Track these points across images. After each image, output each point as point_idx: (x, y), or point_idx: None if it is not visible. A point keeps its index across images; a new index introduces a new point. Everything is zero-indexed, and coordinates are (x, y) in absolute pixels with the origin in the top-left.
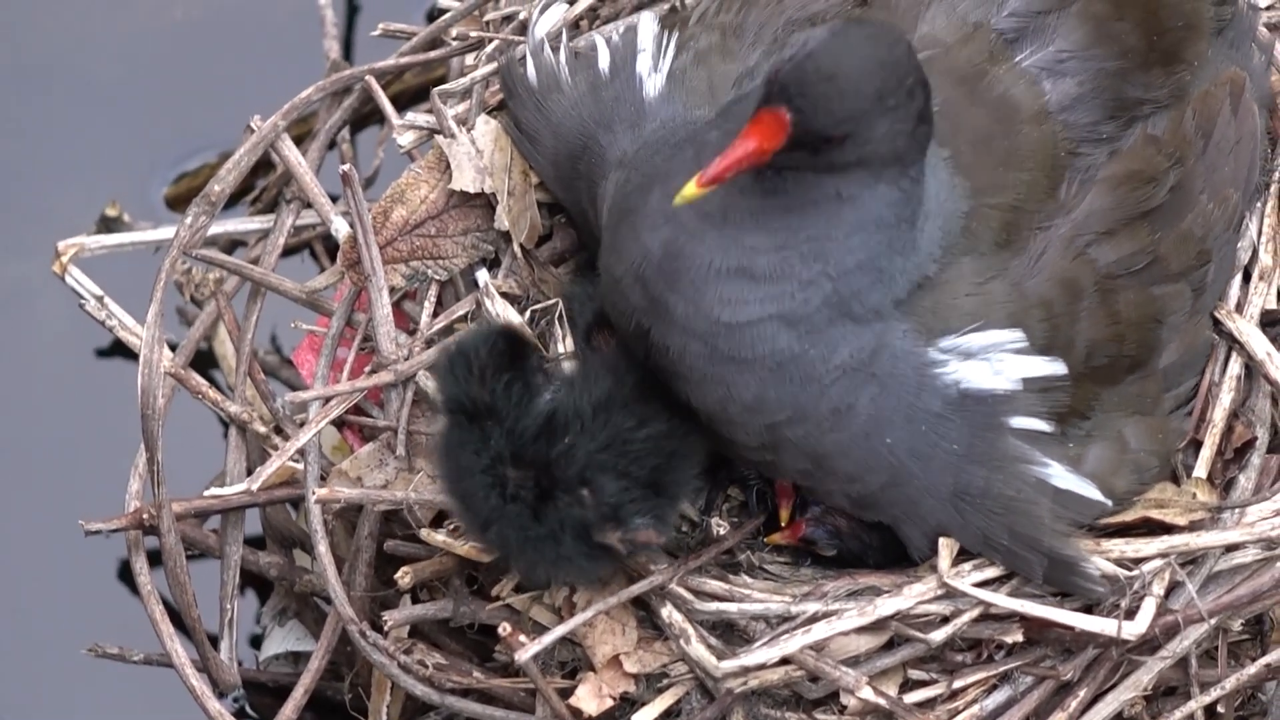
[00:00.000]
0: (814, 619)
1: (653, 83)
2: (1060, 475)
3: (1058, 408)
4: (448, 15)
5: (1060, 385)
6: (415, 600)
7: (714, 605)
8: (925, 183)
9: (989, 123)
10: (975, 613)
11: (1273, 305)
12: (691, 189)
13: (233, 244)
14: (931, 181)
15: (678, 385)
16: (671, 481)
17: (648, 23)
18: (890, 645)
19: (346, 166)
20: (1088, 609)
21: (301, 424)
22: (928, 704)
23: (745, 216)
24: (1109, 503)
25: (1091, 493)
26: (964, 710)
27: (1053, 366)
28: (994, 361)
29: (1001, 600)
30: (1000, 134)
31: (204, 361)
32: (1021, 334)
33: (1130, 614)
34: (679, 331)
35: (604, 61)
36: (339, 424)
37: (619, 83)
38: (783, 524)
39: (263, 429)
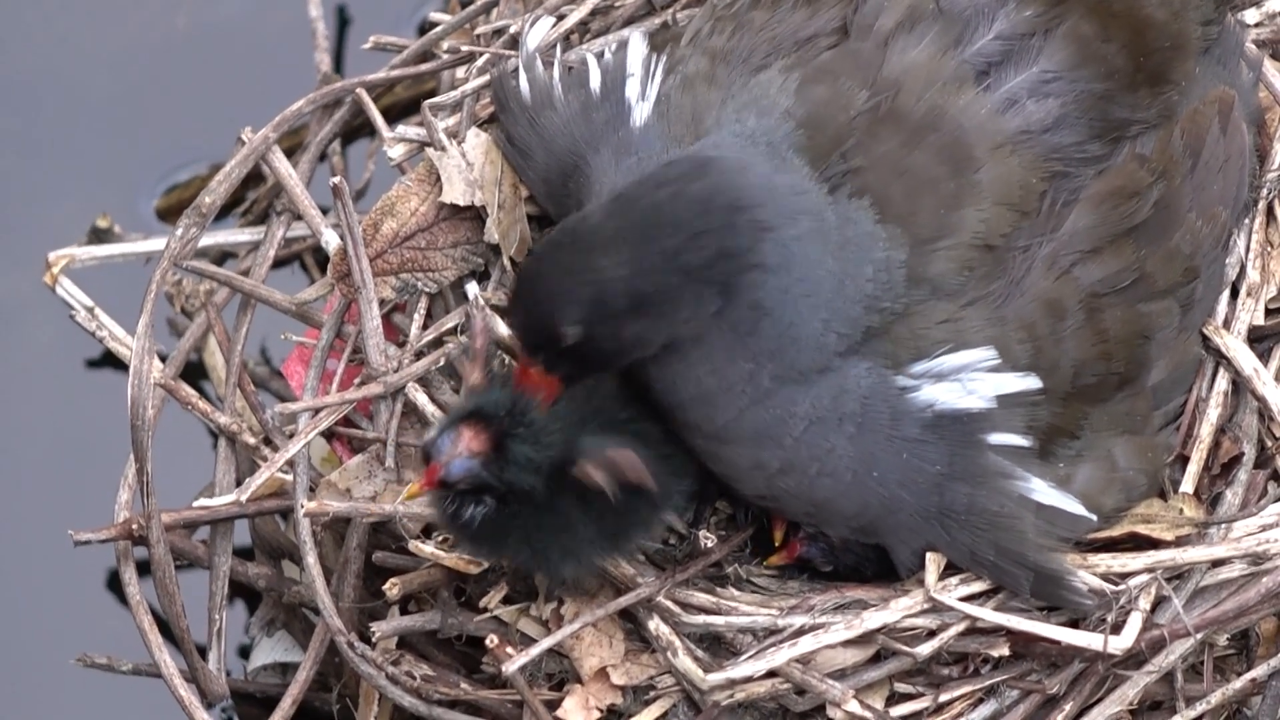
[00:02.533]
0: (801, 632)
1: (640, 111)
2: (1042, 490)
3: (1036, 423)
4: (439, 28)
5: (1036, 400)
6: (403, 611)
7: (701, 618)
8: (834, 247)
9: (933, 166)
10: (961, 626)
11: (1260, 321)
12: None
13: (223, 256)
14: (849, 235)
15: None
16: (660, 483)
17: (637, 44)
18: (877, 658)
19: (337, 179)
20: (1074, 623)
21: (291, 435)
22: (914, 717)
23: (689, 357)
24: (1093, 518)
25: (1075, 508)
26: None
27: (1026, 382)
28: (966, 381)
29: (988, 614)
30: (946, 176)
31: (194, 373)
32: (994, 351)
33: (1116, 628)
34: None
35: (595, 81)
36: (328, 435)
37: (609, 105)
38: (777, 544)
39: (252, 440)
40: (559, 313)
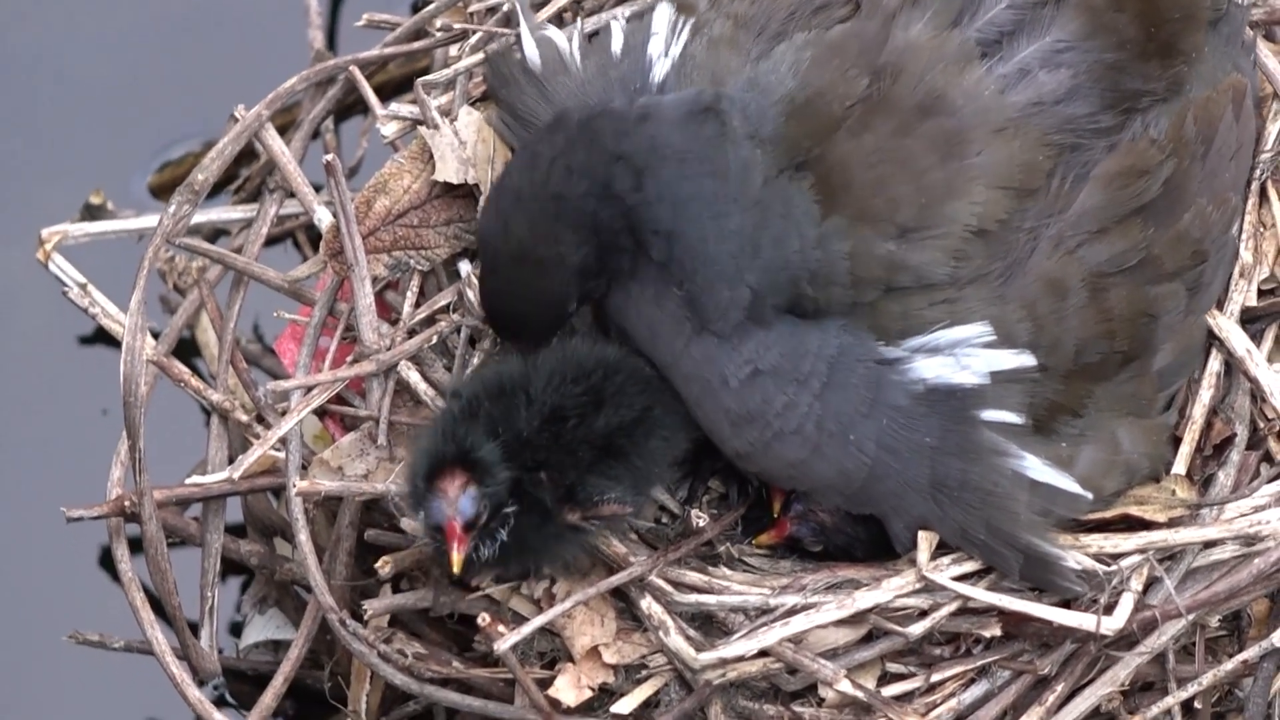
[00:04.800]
0: (792, 611)
1: (660, 68)
2: (1037, 468)
3: (1035, 400)
4: (432, 6)
5: (1034, 377)
6: (395, 589)
7: (693, 597)
8: (746, 201)
9: (923, 155)
10: (953, 606)
11: (1253, 302)
12: None
13: (216, 233)
14: (771, 203)
15: None
16: (644, 447)
17: (664, 8)
18: (869, 638)
19: (330, 156)
20: (1066, 604)
21: (283, 413)
22: (905, 697)
23: (634, 293)
24: (1088, 495)
25: (1069, 485)
26: (941, 704)
27: (1020, 359)
28: (960, 356)
29: (980, 594)
30: (936, 164)
31: (186, 350)
32: (989, 327)
33: (1108, 609)
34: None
35: (617, 44)
36: (320, 413)
37: (629, 62)
38: (774, 514)
39: (244, 417)
40: (542, 319)
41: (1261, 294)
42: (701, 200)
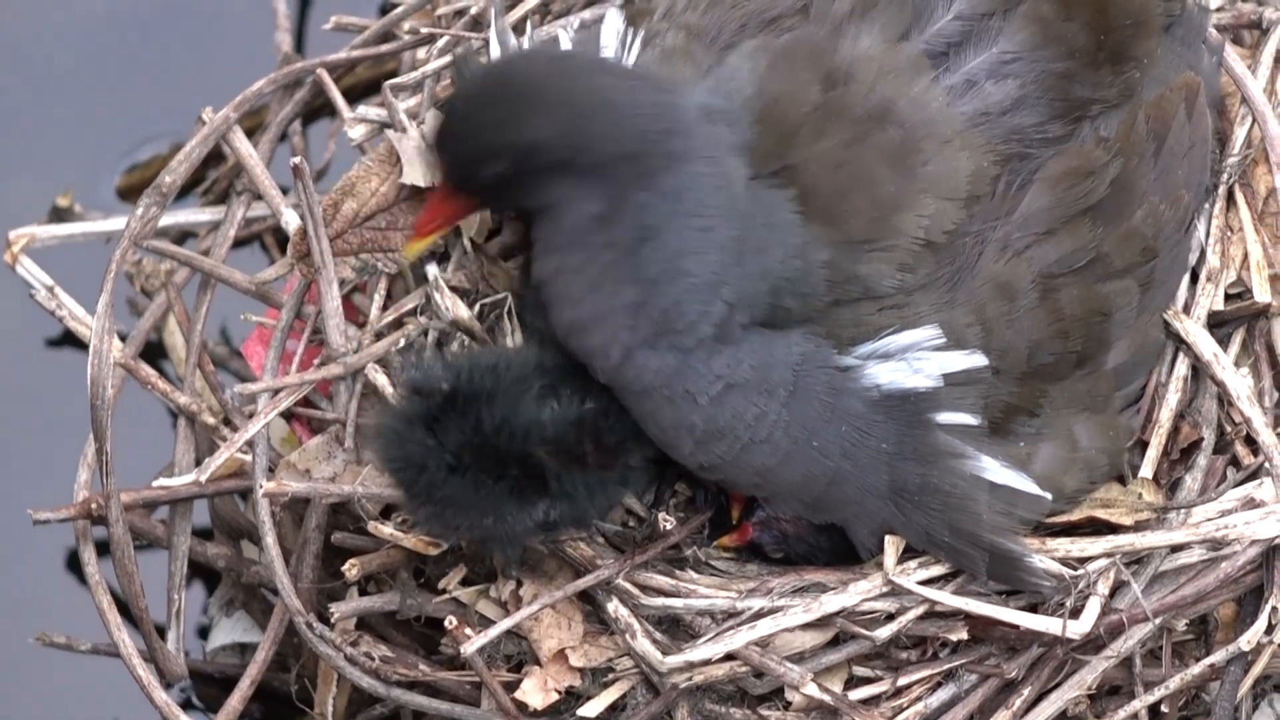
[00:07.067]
0: (759, 615)
1: None
2: (995, 470)
3: (990, 401)
4: (400, 9)
5: (987, 379)
6: (362, 592)
7: (660, 600)
8: (737, 213)
9: (875, 166)
10: (920, 610)
11: (1220, 306)
12: (412, 246)
13: (183, 235)
14: (758, 215)
15: None
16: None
17: (613, 19)
18: (835, 642)
19: (297, 159)
20: (1032, 608)
21: (250, 416)
22: (872, 701)
23: (568, 264)
24: (1048, 496)
25: (1029, 487)
26: (908, 707)
27: (972, 359)
28: (912, 360)
29: (946, 598)
30: (887, 176)
31: (154, 352)
32: (939, 330)
33: (1075, 613)
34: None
35: None
36: (288, 416)
37: None
38: (734, 521)
39: (211, 420)
40: (490, 156)
41: (1228, 298)
42: (700, 211)
